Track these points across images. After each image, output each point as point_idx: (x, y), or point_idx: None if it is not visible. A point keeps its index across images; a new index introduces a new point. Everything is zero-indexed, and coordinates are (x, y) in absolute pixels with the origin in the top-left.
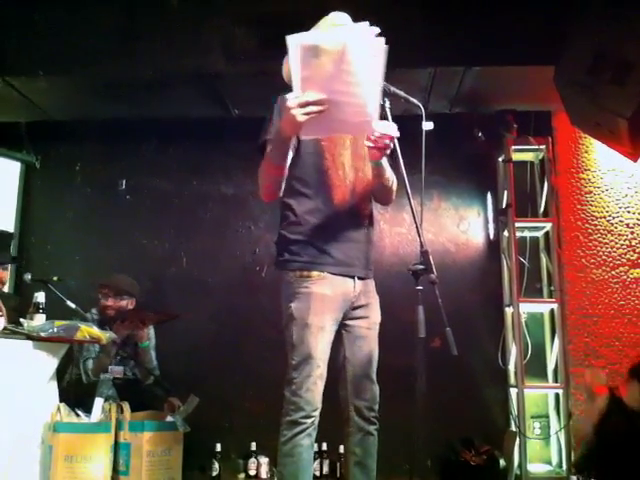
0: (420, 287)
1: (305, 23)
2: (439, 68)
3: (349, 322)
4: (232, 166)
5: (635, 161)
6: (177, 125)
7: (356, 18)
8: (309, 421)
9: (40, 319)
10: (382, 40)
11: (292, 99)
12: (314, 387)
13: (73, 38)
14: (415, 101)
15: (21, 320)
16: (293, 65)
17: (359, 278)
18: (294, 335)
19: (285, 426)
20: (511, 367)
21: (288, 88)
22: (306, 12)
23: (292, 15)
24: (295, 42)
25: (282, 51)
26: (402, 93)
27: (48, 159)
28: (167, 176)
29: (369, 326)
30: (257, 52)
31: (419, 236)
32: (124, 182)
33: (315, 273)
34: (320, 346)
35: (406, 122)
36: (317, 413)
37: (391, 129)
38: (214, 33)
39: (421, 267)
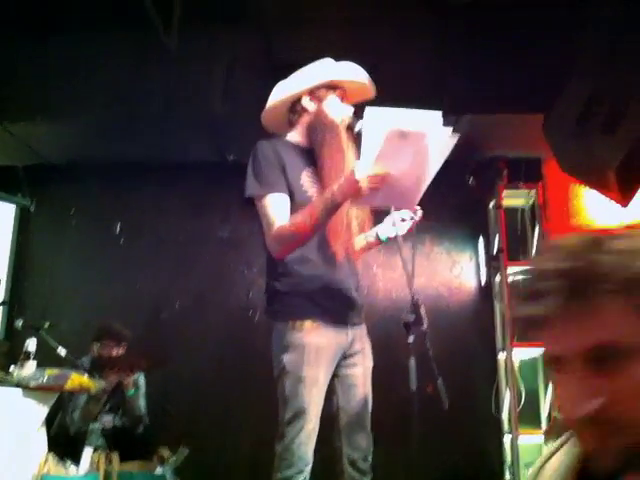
0: (411, 338)
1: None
2: None
3: (342, 370)
4: (228, 210)
5: (625, 207)
6: (173, 169)
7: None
8: (301, 477)
9: (31, 367)
10: (453, 139)
11: (363, 171)
12: (307, 441)
13: (71, 83)
14: None
15: (11, 368)
16: (370, 139)
17: (352, 325)
18: (287, 389)
19: None
20: (505, 414)
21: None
22: (305, 61)
23: (289, 65)
24: (384, 125)
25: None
26: None
27: (44, 202)
28: (162, 219)
29: (361, 373)
30: (255, 100)
31: (410, 287)
32: (119, 226)
33: (308, 323)
34: (314, 400)
35: None
36: (309, 468)
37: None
38: (211, 80)
39: (412, 318)
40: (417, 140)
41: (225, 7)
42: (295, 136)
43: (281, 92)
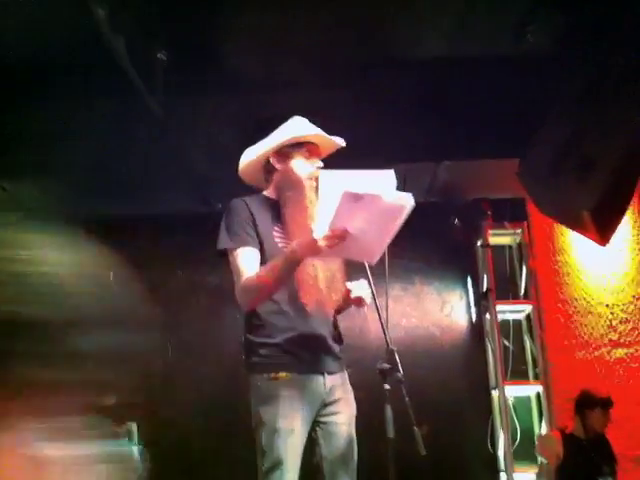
0: (387, 386)
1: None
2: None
3: (323, 419)
4: (216, 258)
5: (604, 246)
6: (163, 220)
7: (330, 120)
8: None
9: None
10: (412, 199)
11: (320, 232)
12: None
13: (58, 143)
14: None
15: None
16: (325, 201)
17: (329, 373)
18: (263, 440)
19: None
20: (500, 452)
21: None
22: (283, 116)
23: (268, 120)
24: (339, 187)
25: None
26: None
27: None
28: (154, 269)
29: (343, 421)
30: (237, 153)
31: (385, 334)
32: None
33: (282, 375)
34: (290, 450)
35: None
36: None
37: (364, 291)
38: (198, 136)
39: (387, 366)
40: (372, 201)
41: (207, 68)
42: (270, 192)
43: (248, 156)
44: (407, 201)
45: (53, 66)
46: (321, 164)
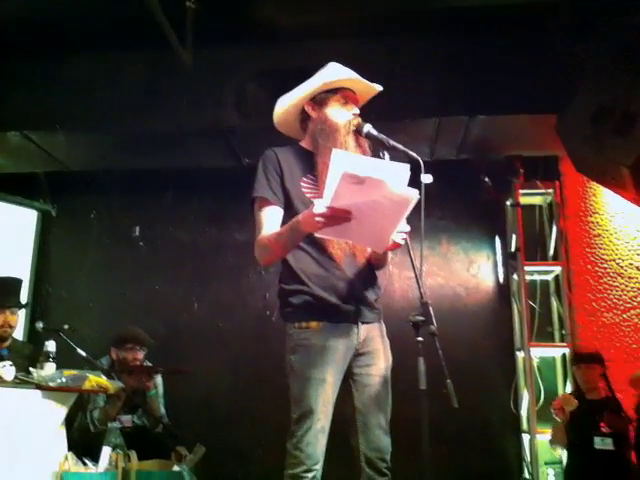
0: (420, 338)
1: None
2: (444, 117)
3: (356, 370)
4: (244, 214)
5: None
6: (192, 176)
7: (364, 72)
8: (310, 475)
9: (50, 368)
10: (416, 192)
11: (320, 208)
12: (315, 441)
13: (88, 97)
14: (414, 155)
15: (31, 369)
16: (331, 178)
17: (363, 323)
18: (295, 389)
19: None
20: (524, 413)
21: (285, 139)
22: (313, 67)
23: (299, 70)
24: (340, 167)
25: None
26: (401, 147)
27: (65, 208)
28: (181, 225)
29: (377, 373)
30: (266, 106)
31: (419, 287)
32: (137, 229)
33: (313, 324)
34: (321, 399)
35: (413, 170)
36: (319, 466)
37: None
38: (227, 90)
39: (421, 318)
40: (374, 186)
41: (236, 21)
42: (306, 142)
43: (283, 105)
44: (412, 195)
45: (84, 18)
46: (357, 111)
